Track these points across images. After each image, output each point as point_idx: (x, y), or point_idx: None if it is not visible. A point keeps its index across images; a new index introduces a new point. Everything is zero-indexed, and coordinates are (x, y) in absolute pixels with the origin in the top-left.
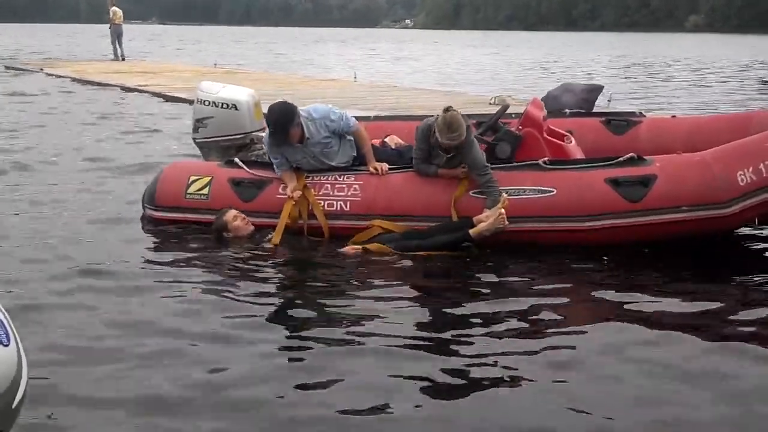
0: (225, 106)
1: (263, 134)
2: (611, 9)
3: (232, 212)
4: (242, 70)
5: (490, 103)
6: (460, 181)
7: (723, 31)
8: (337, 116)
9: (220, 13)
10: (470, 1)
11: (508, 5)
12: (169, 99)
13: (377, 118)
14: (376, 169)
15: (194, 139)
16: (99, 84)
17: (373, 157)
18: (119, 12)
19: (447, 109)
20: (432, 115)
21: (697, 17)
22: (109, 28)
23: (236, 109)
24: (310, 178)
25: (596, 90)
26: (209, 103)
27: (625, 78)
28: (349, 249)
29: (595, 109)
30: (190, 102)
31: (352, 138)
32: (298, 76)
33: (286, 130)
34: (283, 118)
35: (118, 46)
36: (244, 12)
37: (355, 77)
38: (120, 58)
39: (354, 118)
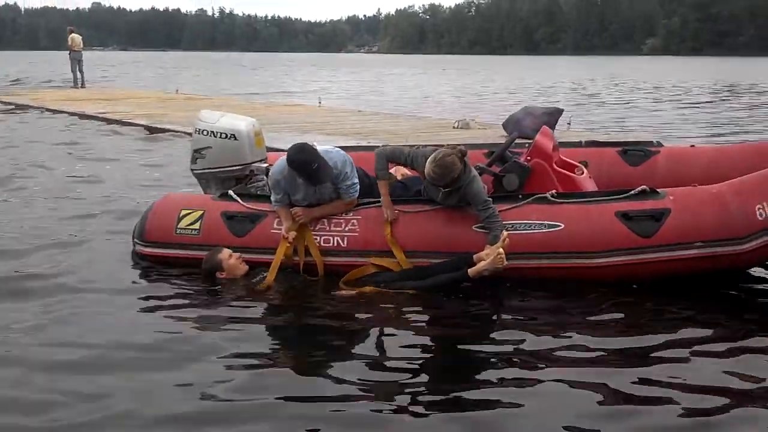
0: (223, 136)
1: (264, 165)
2: (571, 33)
3: (227, 251)
4: (204, 97)
5: (454, 127)
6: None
7: (679, 53)
8: (348, 181)
9: (182, 38)
10: (434, 27)
11: (472, 30)
12: (129, 125)
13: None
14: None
15: (192, 170)
16: (58, 111)
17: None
18: (78, 38)
19: (453, 149)
20: (402, 140)
21: (655, 40)
22: (69, 54)
23: (235, 139)
24: None
25: (556, 113)
26: (207, 133)
27: (587, 101)
28: (343, 293)
29: (555, 132)
30: (150, 129)
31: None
32: (263, 102)
33: (318, 171)
34: (307, 166)
35: (78, 72)
36: (208, 37)
37: (319, 102)
38: (80, 85)
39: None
